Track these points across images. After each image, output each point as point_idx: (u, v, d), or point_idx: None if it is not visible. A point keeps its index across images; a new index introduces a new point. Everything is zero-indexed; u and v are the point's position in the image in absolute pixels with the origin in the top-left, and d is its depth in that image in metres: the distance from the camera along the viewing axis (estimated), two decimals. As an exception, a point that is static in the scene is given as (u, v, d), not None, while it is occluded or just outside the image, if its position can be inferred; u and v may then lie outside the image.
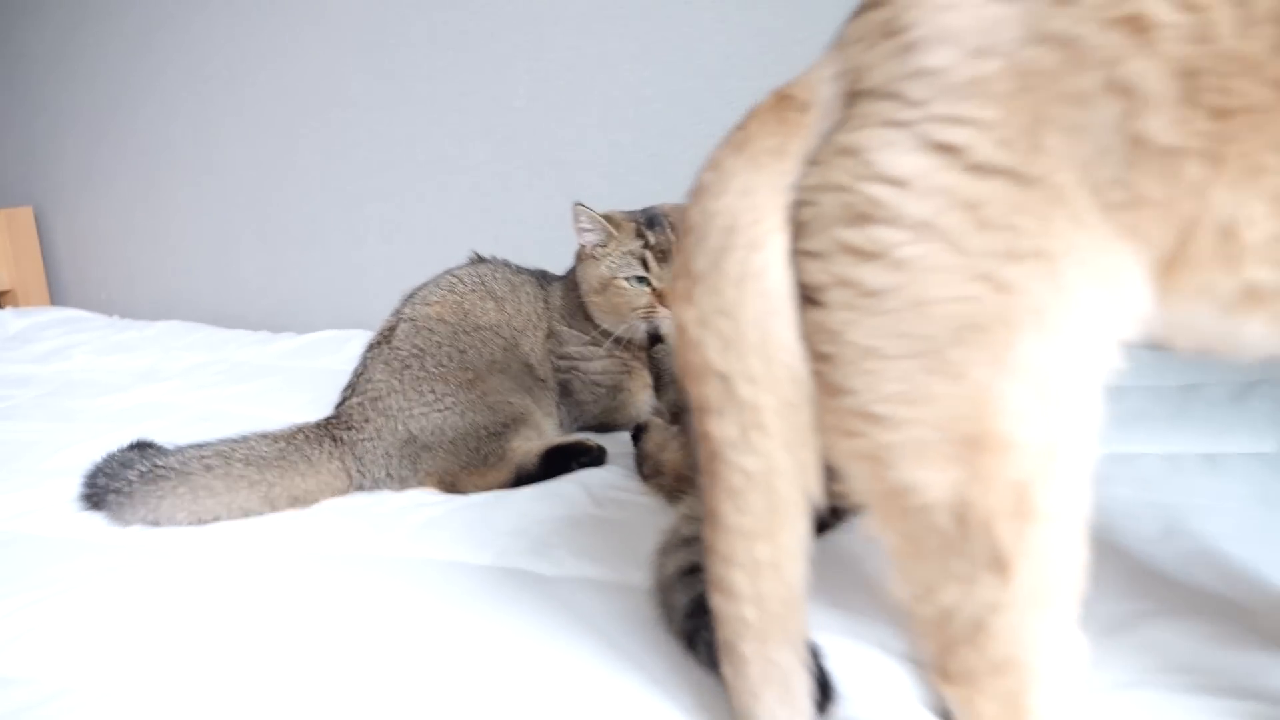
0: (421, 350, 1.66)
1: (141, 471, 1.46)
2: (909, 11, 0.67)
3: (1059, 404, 0.65)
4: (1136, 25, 0.61)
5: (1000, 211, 0.64)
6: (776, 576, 0.73)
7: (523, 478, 1.55)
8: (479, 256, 1.88)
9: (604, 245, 1.73)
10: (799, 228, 0.70)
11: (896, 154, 0.66)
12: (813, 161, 0.70)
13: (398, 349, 1.66)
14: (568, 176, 2.67)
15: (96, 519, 1.46)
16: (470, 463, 1.57)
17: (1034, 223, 0.64)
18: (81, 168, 3.68)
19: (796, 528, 0.73)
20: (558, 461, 1.56)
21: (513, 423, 1.62)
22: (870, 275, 0.67)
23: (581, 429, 1.80)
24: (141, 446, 1.56)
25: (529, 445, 1.60)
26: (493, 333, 1.73)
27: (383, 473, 1.56)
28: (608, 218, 1.74)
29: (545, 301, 1.85)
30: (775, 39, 2.35)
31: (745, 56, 2.39)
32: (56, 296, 3.84)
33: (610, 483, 1.51)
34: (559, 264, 1.91)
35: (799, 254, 0.70)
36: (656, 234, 1.71)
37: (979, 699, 0.69)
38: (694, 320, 0.73)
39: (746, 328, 0.71)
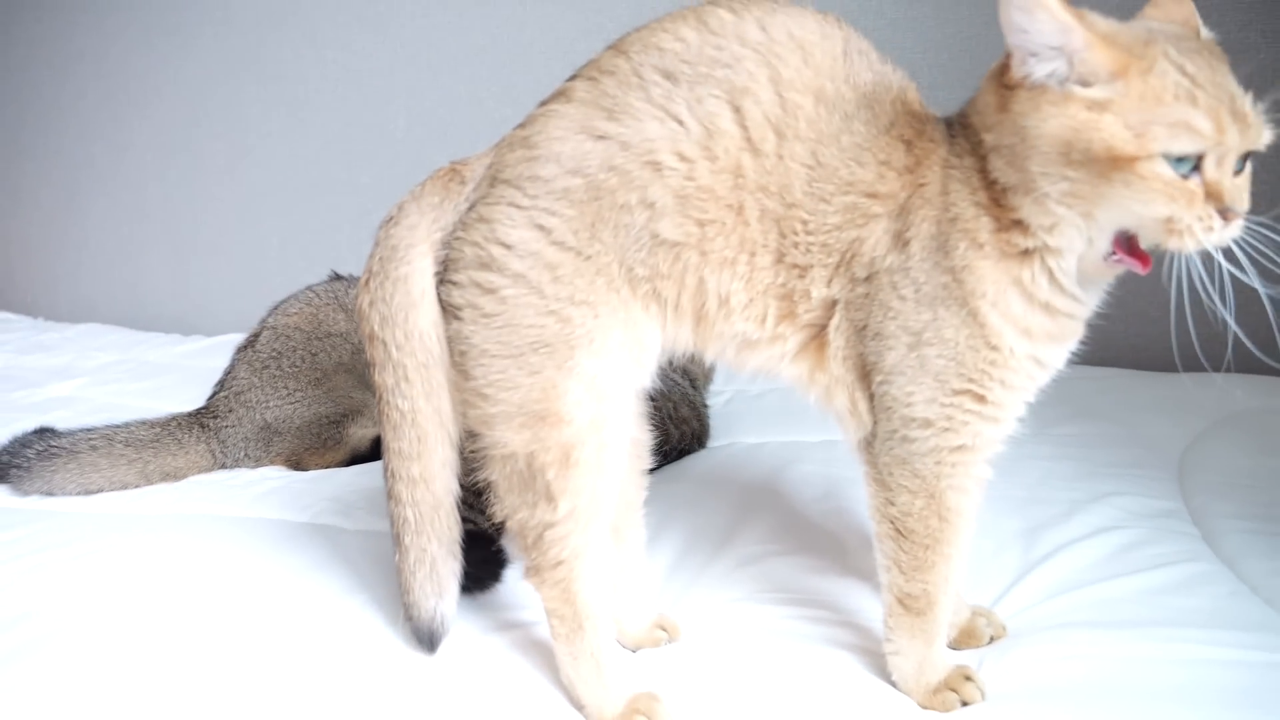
0: (279, 353, 2.01)
1: (38, 450, 1.79)
2: (538, 136, 1.06)
3: (600, 397, 1.04)
4: (656, 166, 1.00)
5: (568, 273, 1.03)
6: (426, 488, 1.12)
7: (356, 458, 1.91)
8: (336, 275, 2.22)
9: None
10: (448, 264, 1.08)
11: (511, 227, 1.04)
12: (462, 222, 1.08)
13: (259, 351, 2.01)
14: (442, 199, 3.03)
15: (1, 490, 1.79)
16: (313, 446, 1.93)
17: (586, 283, 1.03)
18: (9, 182, 3.95)
19: (439, 453, 1.12)
20: (388, 445, 1.93)
21: (352, 413, 1.98)
22: (486, 303, 1.05)
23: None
24: (41, 431, 1.88)
25: (364, 432, 1.97)
26: (342, 339, 2.08)
27: (241, 454, 1.91)
28: None
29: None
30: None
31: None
32: (-14, 299, 4.10)
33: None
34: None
35: (445, 282, 1.08)
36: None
37: (544, 588, 1.08)
38: (367, 303, 1.12)
39: (395, 311, 1.09)
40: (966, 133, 0.97)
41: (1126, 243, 0.92)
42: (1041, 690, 1.04)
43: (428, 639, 1.15)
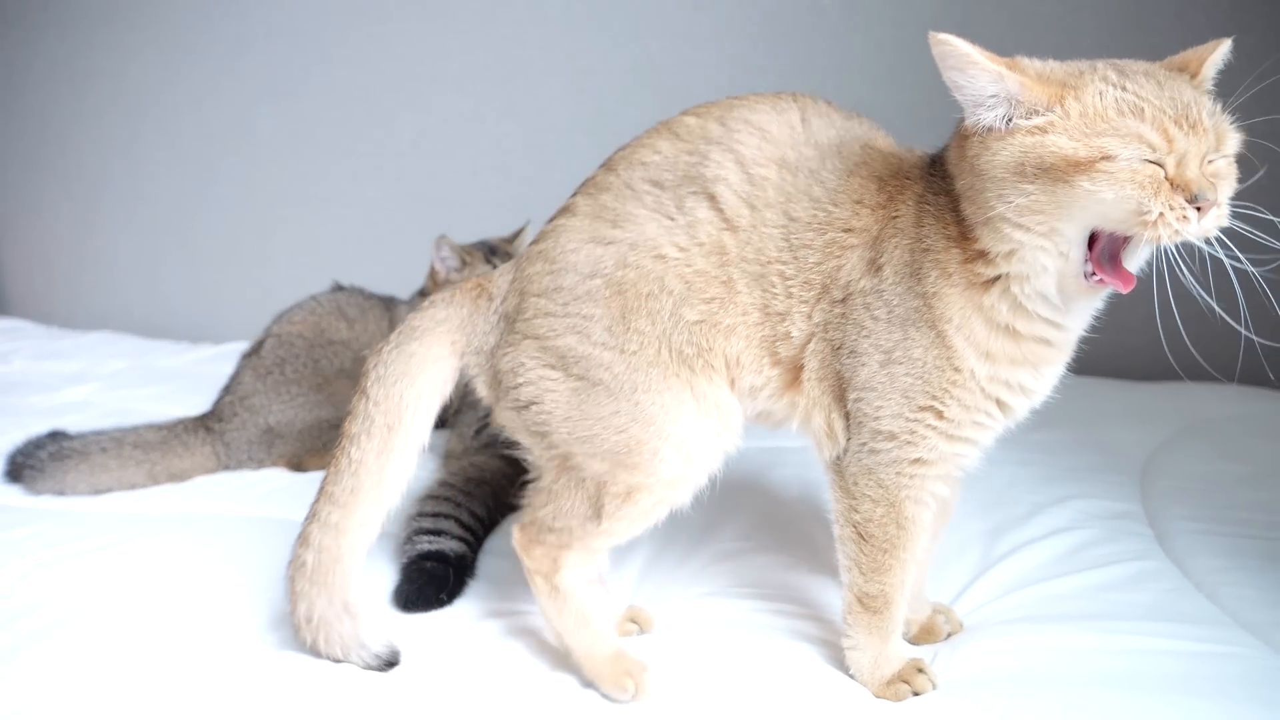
0: (283, 360, 2.09)
1: (51, 452, 1.87)
2: (553, 249, 1.17)
3: (688, 458, 1.13)
4: (662, 258, 1.12)
5: (623, 370, 1.12)
6: (336, 538, 1.19)
7: (354, 460, 1.98)
8: (339, 285, 2.30)
9: (459, 270, 2.17)
10: (502, 376, 1.18)
11: (556, 336, 1.14)
12: (507, 342, 1.18)
13: (264, 358, 2.09)
14: (443, 211, 3.12)
15: (14, 490, 1.87)
16: (313, 448, 2.01)
17: (643, 378, 1.12)
18: (29, 196, 4.05)
19: (362, 511, 1.19)
20: (385, 448, 2.00)
21: (351, 418, 2.06)
22: (559, 398, 1.14)
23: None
24: (53, 434, 1.96)
25: (362, 435, 2.04)
26: (343, 346, 2.16)
27: (245, 456, 1.99)
28: (464, 249, 2.18)
29: (390, 320, 2.27)
30: (607, 106, 2.83)
31: (587, 119, 2.87)
32: (4, 307, 4.20)
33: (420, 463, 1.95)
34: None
35: (506, 390, 1.17)
36: (499, 259, 2.16)
37: (535, 550, 1.18)
38: (373, 363, 1.21)
39: (389, 373, 1.20)
40: (943, 173, 1.06)
41: (1109, 261, 0.97)
42: (988, 680, 1.11)
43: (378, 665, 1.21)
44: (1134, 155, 0.90)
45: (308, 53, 3.29)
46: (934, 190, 1.07)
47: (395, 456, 1.20)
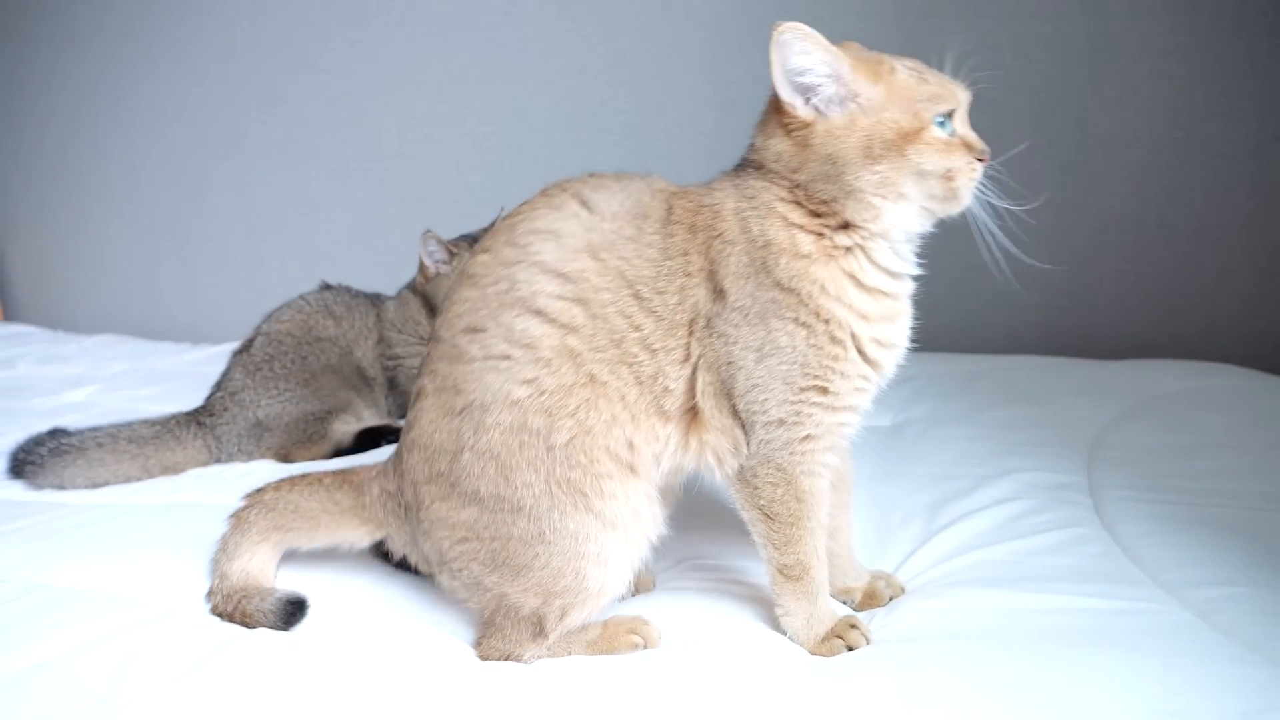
0: (272, 356, 2.17)
1: (51, 448, 1.96)
2: (420, 436, 1.23)
3: (604, 564, 1.18)
4: (515, 403, 1.15)
5: (524, 528, 1.17)
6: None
7: (340, 451, 2.07)
8: (326, 284, 2.38)
9: (448, 263, 2.25)
10: (426, 557, 1.27)
11: (456, 509, 1.19)
12: (423, 531, 1.24)
13: (254, 355, 2.17)
14: (428, 210, 3.20)
15: (17, 485, 1.96)
16: (300, 440, 2.09)
17: (546, 526, 1.16)
18: (33, 205, 4.15)
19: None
20: (369, 439, 2.09)
21: (336, 410, 2.14)
22: (481, 559, 1.20)
23: (404, 415, 2.32)
24: (53, 431, 2.04)
25: (347, 428, 2.13)
26: (330, 343, 2.24)
27: (235, 449, 2.08)
28: (450, 243, 2.26)
29: (378, 317, 2.35)
30: (584, 105, 2.90)
31: (563, 117, 2.94)
32: (9, 313, 4.31)
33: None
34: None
35: (441, 566, 1.25)
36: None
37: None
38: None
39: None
40: (764, 175, 1.16)
41: None
42: (919, 635, 1.18)
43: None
44: (944, 110, 1.09)
45: (294, 61, 3.38)
46: (749, 195, 1.16)
47: None
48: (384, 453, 2.06)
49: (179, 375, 2.96)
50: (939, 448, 1.78)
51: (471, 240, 2.28)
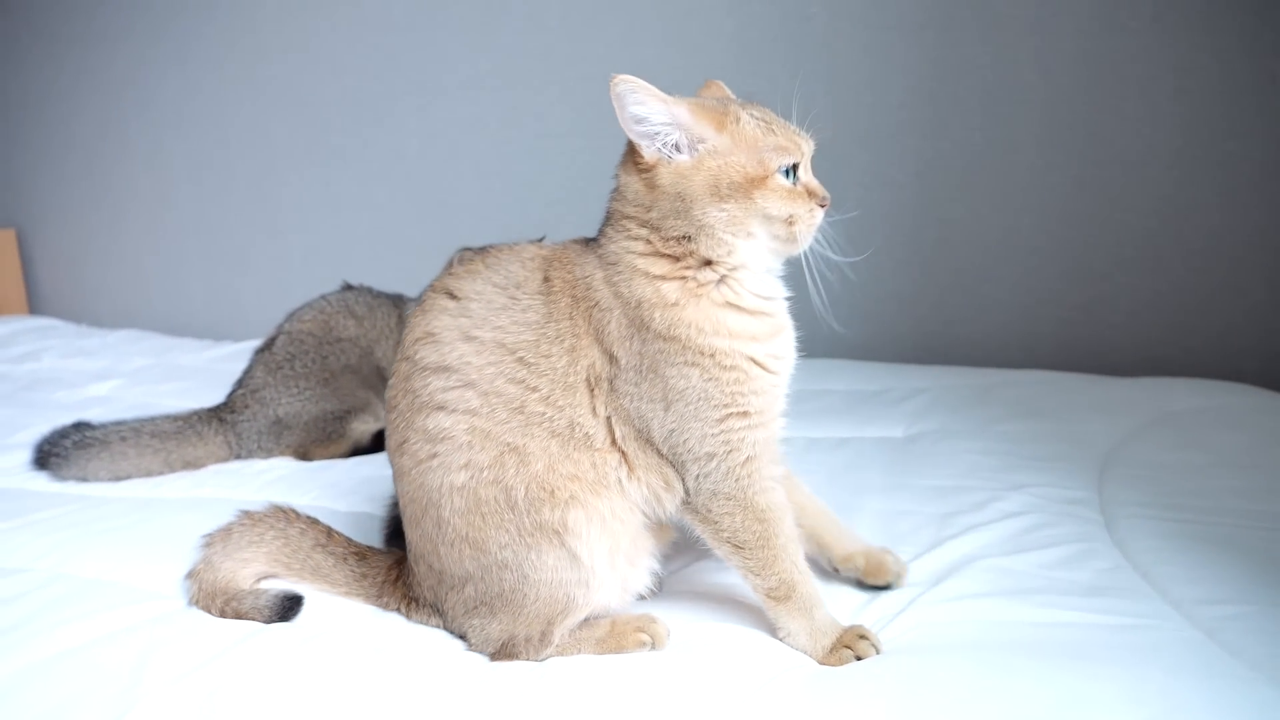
0: (293, 355, 2.20)
1: (75, 441, 2.00)
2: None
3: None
4: (459, 488, 1.20)
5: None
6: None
7: (357, 450, 2.10)
8: (347, 284, 2.42)
9: None
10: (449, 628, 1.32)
11: (466, 587, 1.25)
12: (442, 610, 1.31)
13: (275, 354, 2.21)
14: (449, 213, 3.24)
15: (42, 477, 2.01)
16: (319, 439, 2.12)
17: (517, 570, 1.21)
18: (58, 198, 4.22)
19: None
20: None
21: (355, 410, 2.18)
22: (493, 622, 1.25)
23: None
24: (77, 424, 2.09)
25: (365, 427, 2.16)
26: (350, 343, 2.27)
27: (255, 445, 2.11)
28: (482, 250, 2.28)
29: (399, 317, 2.38)
30: (604, 111, 2.92)
31: (584, 123, 2.97)
32: (35, 306, 4.38)
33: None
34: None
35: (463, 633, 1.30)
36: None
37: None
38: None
39: None
40: (621, 227, 1.21)
41: None
42: (925, 647, 1.19)
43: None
44: (787, 164, 1.15)
45: (319, 65, 3.42)
46: (611, 258, 1.21)
47: None
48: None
49: (200, 372, 3.01)
50: (950, 461, 1.79)
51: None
